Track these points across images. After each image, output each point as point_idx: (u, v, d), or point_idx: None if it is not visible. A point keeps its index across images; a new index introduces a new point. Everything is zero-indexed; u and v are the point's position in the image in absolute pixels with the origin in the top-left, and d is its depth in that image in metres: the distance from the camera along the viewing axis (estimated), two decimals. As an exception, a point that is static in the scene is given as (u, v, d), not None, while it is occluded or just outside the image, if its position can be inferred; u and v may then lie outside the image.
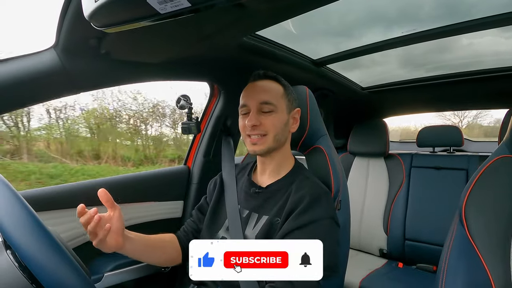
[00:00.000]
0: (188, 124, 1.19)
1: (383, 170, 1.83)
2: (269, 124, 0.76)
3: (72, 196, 0.96)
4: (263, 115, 0.77)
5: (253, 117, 0.76)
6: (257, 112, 0.77)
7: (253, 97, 0.77)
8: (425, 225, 1.60)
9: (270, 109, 0.76)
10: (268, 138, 0.76)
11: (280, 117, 0.78)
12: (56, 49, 0.76)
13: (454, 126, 1.83)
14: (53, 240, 0.46)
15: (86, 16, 0.51)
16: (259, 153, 0.79)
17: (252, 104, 0.77)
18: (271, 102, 0.76)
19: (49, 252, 0.44)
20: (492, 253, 0.59)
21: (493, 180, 0.64)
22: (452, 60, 1.51)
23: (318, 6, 0.72)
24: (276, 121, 0.77)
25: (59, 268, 0.44)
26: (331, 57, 1.37)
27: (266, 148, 0.77)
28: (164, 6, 0.46)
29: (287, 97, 0.80)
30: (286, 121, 0.79)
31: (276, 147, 0.79)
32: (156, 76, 1.06)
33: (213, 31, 0.77)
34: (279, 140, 0.78)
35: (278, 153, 0.81)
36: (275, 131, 0.76)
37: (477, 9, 1.00)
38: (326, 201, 0.72)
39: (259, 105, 0.76)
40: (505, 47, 1.30)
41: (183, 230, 0.91)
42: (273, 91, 0.78)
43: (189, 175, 1.33)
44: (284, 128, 0.79)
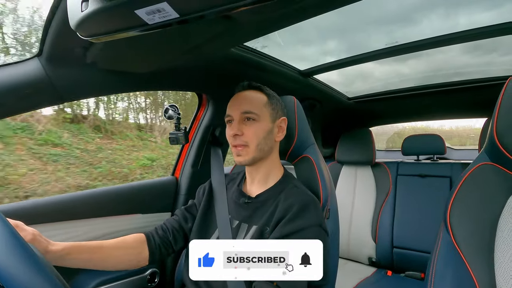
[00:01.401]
0: (176, 134, 1.18)
1: (371, 178, 1.86)
2: (251, 133, 0.77)
3: (53, 210, 0.92)
4: (245, 124, 0.78)
5: (235, 126, 0.77)
6: (239, 121, 0.78)
7: (236, 108, 0.79)
8: (412, 232, 1.62)
9: (252, 118, 0.78)
10: (250, 149, 0.77)
11: (263, 126, 0.78)
12: (40, 58, 0.74)
13: (436, 135, 1.88)
14: (28, 252, 0.44)
15: (72, 26, 0.51)
16: (245, 164, 0.79)
17: (235, 114, 0.79)
18: (253, 111, 0.78)
19: (24, 265, 0.42)
20: (477, 259, 0.60)
21: (475, 187, 0.66)
22: (434, 71, 1.57)
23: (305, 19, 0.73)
24: (259, 130, 0.78)
25: (33, 283, 0.42)
26: (317, 67, 1.40)
27: (250, 158, 0.78)
28: (152, 17, 0.46)
29: (271, 106, 0.82)
30: (269, 130, 0.80)
31: (261, 157, 0.80)
32: (144, 86, 1.05)
33: (201, 42, 0.77)
34: (262, 149, 0.79)
35: (264, 162, 0.82)
36: (257, 140, 0.77)
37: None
38: (314, 209, 0.72)
39: (241, 115, 0.78)
40: (483, 59, 1.38)
41: (160, 228, 0.86)
42: (256, 101, 0.80)
43: (176, 186, 1.30)
44: (267, 136, 0.79)
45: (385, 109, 2.10)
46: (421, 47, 1.19)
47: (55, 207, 0.94)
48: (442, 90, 1.66)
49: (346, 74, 1.66)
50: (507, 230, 0.60)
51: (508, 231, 0.60)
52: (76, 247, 0.68)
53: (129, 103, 5.11)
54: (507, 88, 0.64)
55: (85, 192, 1.06)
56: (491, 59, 1.39)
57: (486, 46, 1.23)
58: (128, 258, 0.77)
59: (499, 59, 1.38)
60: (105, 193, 1.09)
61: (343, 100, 1.95)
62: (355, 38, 1.25)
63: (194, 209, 0.90)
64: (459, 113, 2.07)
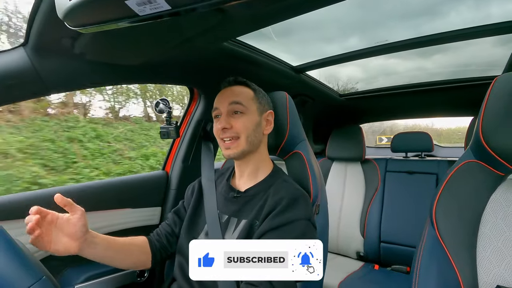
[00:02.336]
0: (167, 129, 1.17)
1: (360, 174, 1.89)
2: (240, 125, 0.77)
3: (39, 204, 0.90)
4: (233, 117, 0.78)
5: (223, 119, 0.78)
6: (228, 114, 0.78)
7: (223, 101, 0.79)
8: (399, 227, 1.66)
9: (240, 110, 0.78)
10: (240, 141, 0.77)
11: (251, 118, 0.79)
12: (26, 48, 0.72)
13: (425, 133, 1.92)
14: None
15: (59, 15, 0.49)
16: (234, 157, 0.79)
17: (222, 107, 0.79)
18: (241, 102, 0.78)
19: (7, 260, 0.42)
20: (460, 253, 0.62)
21: (460, 184, 0.68)
22: (462, 66, 1.56)
23: (298, 15, 0.73)
24: (247, 122, 0.78)
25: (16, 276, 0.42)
26: (310, 64, 1.40)
27: (240, 151, 0.78)
28: (143, 8, 0.45)
29: (258, 100, 0.82)
30: (257, 122, 0.80)
31: (250, 150, 0.80)
32: (134, 78, 1.03)
33: (193, 35, 0.76)
34: (252, 142, 0.79)
35: (253, 156, 0.82)
36: (246, 132, 0.78)
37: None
38: (304, 203, 0.73)
39: (229, 107, 0.78)
40: (468, 59, 1.40)
41: (156, 233, 0.89)
42: (243, 94, 0.80)
43: (167, 180, 1.29)
44: (256, 129, 0.80)
45: (375, 106, 2.13)
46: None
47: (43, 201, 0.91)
48: (430, 89, 1.69)
49: (369, 70, 1.63)
50: (489, 226, 0.63)
51: (490, 226, 0.63)
52: (97, 234, 0.71)
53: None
54: (493, 88, 0.66)
55: (74, 185, 1.04)
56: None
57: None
58: (135, 257, 0.81)
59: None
60: (94, 187, 1.07)
61: (335, 97, 1.97)
62: (378, 33, 1.22)
63: (182, 212, 0.91)
64: (446, 112, 2.12)
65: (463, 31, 1.07)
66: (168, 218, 0.92)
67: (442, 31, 1.08)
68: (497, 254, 0.60)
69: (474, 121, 1.53)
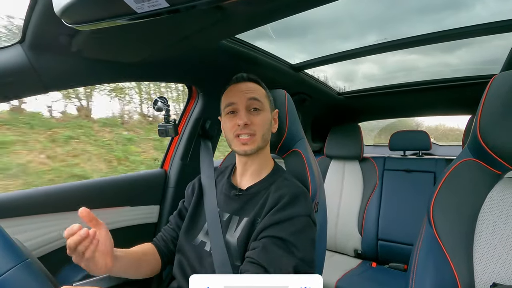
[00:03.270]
0: (165, 127, 1.17)
1: (358, 173, 1.89)
2: (258, 122, 0.77)
3: (37, 202, 0.90)
4: (251, 114, 0.78)
5: (244, 115, 0.76)
6: (247, 110, 0.77)
7: (241, 96, 0.78)
8: (397, 225, 1.67)
9: (259, 107, 0.78)
10: (257, 138, 0.77)
11: (267, 116, 0.80)
12: (23, 45, 0.71)
13: (423, 131, 1.93)
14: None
15: (56, 12, 0.49)
16: (250, 153, 0.78)
17: (240, 102, 0.77)
18: (259, 99, 0.78)
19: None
20: (457, 251, 0.62)
21: (457, 182, 0.69)
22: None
23: (296, 12, 0.73)
24: (264, 120, 0.79)
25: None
26: (308, 62, 1.40)
27: (256, 147, 0.77)
28: (141, 5, 0.44)
29: (269, 98, 0.84)
30: (270, 121, 0.82)
31: (263, 147, 0.81)
32: (132, 76, 1.02)
33: (192, 33, 0.76)
34: (266, 140, 0.80)
35: (261, 153, 0.82)
36: (262, 130, 0.78)
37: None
38: (304, 199, 0.73)
39: (248, 102, 0.77)
40: (468, 58, 1.39)
41: (161, 239, 0.87)
42: (259, 91, 0.80)
43: (165, 178, 1.29)
44: (269, 127, 0.81)
45: (374, 105, 2.13)
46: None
47: (41, 199, 0.91)
48: (428, 87, 1.70)
49: (386, 67, 1.59)
50: (486, 224, 0.63)
51: (487, 224, 0.63)
52: (117, 249, 0.70)
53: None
54: (491, 86, 0.66)
55: (72, 183, 1.04)
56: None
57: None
58: (149, 268, 0.81)
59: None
60: (93, 185, 1.07)
61: (333, 95, 1.97)
62: (398, 29, 1.17)
63: (184, 213, 0.90)
64: (444, 110, 2.12)
65: (489, 25, 1.02)
66: (171, 222, 0.91)
67: (467, 24, 1.02)
68: (493, 251, 0.61)
69: (472, 119, 1.54)
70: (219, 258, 0.72)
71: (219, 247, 0.74)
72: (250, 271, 0.63)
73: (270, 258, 0.64)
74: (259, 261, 0.63)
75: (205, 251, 0.77)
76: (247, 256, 0.67)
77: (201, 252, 0.77)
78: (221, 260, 0.72)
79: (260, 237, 0.68)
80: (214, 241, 0.75)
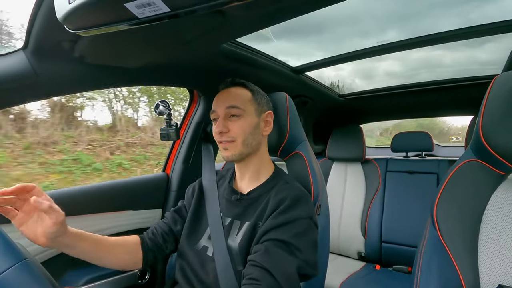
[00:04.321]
0: (167, 130, 1.17)
1: (360, 174, 1.88)
2: (237, 129, 0.77)
3: None
4: (230, 120, 0.78)
5: (220, 123, 0.77)
6: (225, 118, 0.78)
7: (220, 104, 0.79)
8: (400, 227, 1.66)
9: (237, 113, 0.77)
10: (237, 144, 0.77)
11: (249, 120, 0.78)
12: (26, 51, 0.72)
13: (425, 133, 1.92)
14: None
15: (59, 18, 0.49)
16: (231, 159, 0.79)
17: (219, 110, 0.78)
18: (238, 106, 0.77)
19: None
20: (462, 252, 0.62)
21: (461, 183, 0.68)
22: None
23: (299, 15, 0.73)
24: (245, 125, 0.77)
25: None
26: (309, 65, 1.40)
27: (237, 154, 0.77)
28: (142, 11, 0.45)
29: (256, 101, 0.81)
30: (255, 124, 0.80)
31: (249, 152, 0.79)
32: (134, 81, 1.03)
33: (193, 37, 0.76)
34: (249, 144, 0.78)
35: (253, 158, 0.82)
36: (243, 135, 0.77)
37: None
38: (305, 202, 0.73)
39: (226, 110, 0.78)
40: (472, 58, 1.37)
41: (151, 232, 0.85)
42: (240, 97, 0.79)
43: (167, 182, 1.29)
44: (254, 131, 0.79)
45: (375, 106, 2.13)
46: (409, 46, 1.13)
47: None
48: (430, 89, 1.69)
49: (408, 64, 1.51)
50: (491, 225, 0.63)
51: (491, 225, 0.63)
52: (83, 234, 0.69)
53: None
54: (493, 87, 0.66)
55: (74, 188, 1.04)
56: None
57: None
58: (126, 257, 0.77)
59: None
60: (96, 189, 1.07)
61: (335, 97, 1.97)
62: (420, 24, 1.13)
63: (183, 211, 0.89)
64: (446, 111, 2.12)
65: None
66: (166, 217, 0.90)
67: (495, 18, 0.95)
68: (498, 253, 0.60)
69: (474, 120, 1.53)
70: (221, 263, 0.72)
71: (221, 252, 0.73)
72: (254, 274, 0.62)
73: (273, 260, 0.63)
74: (263, 263, 0.63)
75: (207, 256, 0.77)
76: (249, 259, 0.66)
77: (204, 257, 0.77)
78: (223, 265, 0.72)
79: (262, 240, 0.68)
80: (217, 246, 0.75)
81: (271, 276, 0.61)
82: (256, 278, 0.61)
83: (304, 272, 0.66)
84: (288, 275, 0.63)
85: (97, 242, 0.72)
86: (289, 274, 0.63)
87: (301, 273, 0.66)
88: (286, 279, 0.62)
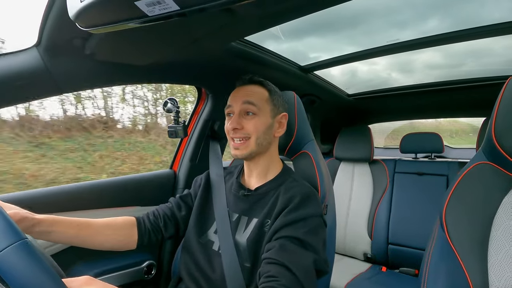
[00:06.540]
0: (175, 128, 1.18)
1: (368, 175, 1.87)
2: (251, 127, 0.77)
3: (49, 201, 0.92)
4: (245, 118, 0.77)
5: (235, 120, 0.77)
6: (240, 115, 0.78)
7: (237, 100, 0.78)
8: (408, 229, 1.63)
9: (253, 111, 0.77)
10: (250, 142, 0.77)
11: (263, 120, 0.78)
12: (39, 48, 0.74)
13: (435, 134, 1.89)
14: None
15: (71, 16, 0.50)
16: (241, 157, 0.79)
17: (235, 105, 0.78)
18: (254, 103, 0.77)
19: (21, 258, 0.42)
20: (471, 256, 0.61)
21: (471, 186, 0.67)
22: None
23: (307, 13, 0.73)
24: (259, 124, 0.77)
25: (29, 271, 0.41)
26: (317, 64, 1.39)
27: (248, 153, 0.77)
28: (152, 9, 0.45)
29: (272, 102, 0.81)
30: (269, 125, 0.79)
31: (259, 151, 0.79)
32: (143, 78, 1.04)
33: (201, 35, 0.76)
34: (261, 144, 0.78)
35: (263, 157, 0.82)
36: (257, 134, 0.77)
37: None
38: (315, 200, 0.73)
39: (242, 106, 0.77)
40: (484, 59, 1.32)
41: (151, 214, 0.85)
42: (257, 95, 0.79)
43: (175, 179, 1.31)
44: (266, 131, 0.79)
45: (384, 106, 2.10)
46: (419, 45, 1.12)
47: (53, 198, 0.94)
48: (441, 89, 1.66)
49: (452, 55, 1.37)
50: (502, 229, 0.61)
51: (502, 230, 0.61)
52: (61, 221, 0.66)
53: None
54: (506, 88, 0.64)
55: (84, 183, 1.06)
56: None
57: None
58: (116, 238, 0.76)
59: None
60: (104, 185, 1.09)
61: (343, 97, 1.95)
62: (463, 11, 1.02)
63: (189, 199, 0.89)
64: (457, 112, 2.08)
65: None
66: (170, 202, 0.90)
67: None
68: (509, 258, 0.59)
69: (486, 122, 1.50)
70: (228, 258, 0.72)
71: (228, 247, 0.74)
72: (271, 272, 0.61)
73: (290, 255, 0.63)
74: (279, 259, 0.62)
75: (213, 250, 0.77)
76: (264, 257, 0.66)
77: (209, 252, 0.78)
78: (230, 260, 0.72)
79: (275, 238, 0.67)
80: (224, 241, 0.75)
81: (289, 271, 0.60)
82: (274, 275, 0.60)
83: (319, 268, 0.66)
84: (306, 269, 0.62)
85: (80, 225, 0.69)
86: (307, 268, 0.63)
87: (316, 268, 0.65)
88: (305, 273, 0.62)
